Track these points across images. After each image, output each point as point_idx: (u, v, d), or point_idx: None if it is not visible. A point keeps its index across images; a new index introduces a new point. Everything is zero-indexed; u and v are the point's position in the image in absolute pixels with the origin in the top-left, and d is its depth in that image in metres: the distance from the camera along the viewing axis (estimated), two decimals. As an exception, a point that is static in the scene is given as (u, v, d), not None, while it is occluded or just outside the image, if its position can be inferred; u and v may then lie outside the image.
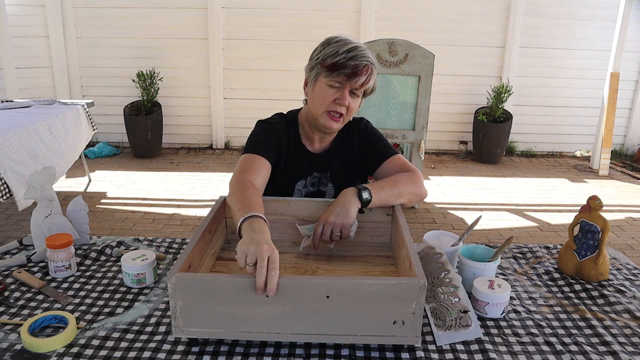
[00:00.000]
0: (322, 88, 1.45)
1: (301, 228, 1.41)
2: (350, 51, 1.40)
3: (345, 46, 1.41)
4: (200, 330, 1.03)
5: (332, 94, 1.44)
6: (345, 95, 1.43)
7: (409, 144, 4.01)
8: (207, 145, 5.76)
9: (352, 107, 1.46)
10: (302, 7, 5.31)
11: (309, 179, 1.61)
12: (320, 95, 1.46)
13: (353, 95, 1.45)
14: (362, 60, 1.40)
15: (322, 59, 1.43)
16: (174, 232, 3.55)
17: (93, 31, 5.35)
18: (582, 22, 5.45)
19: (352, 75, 1.40)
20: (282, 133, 1.56)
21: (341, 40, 1.43)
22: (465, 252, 1.35)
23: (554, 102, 5.72)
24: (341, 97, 1.43)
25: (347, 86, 1.42)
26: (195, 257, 1.15)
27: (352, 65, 1.39)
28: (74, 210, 1.53)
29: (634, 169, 5.40)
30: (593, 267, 1.38)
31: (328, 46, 1.44)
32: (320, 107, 1.47)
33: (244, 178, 1.36)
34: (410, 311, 1.00)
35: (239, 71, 5.52)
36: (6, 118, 3.48)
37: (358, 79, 1.40)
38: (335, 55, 1.40)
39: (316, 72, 1.46)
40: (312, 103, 1.50)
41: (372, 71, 1.43)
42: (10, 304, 1.21)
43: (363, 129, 1.62)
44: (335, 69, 1.40)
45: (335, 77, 1.41)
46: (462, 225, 3.80)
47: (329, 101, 1.44)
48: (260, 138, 1.52)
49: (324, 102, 1.45)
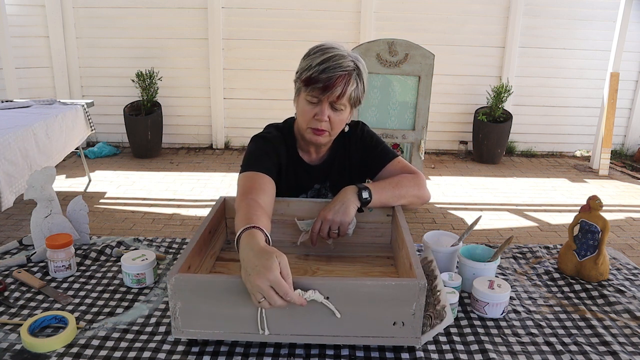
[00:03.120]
0: (302, 103, 1.40)
1: (299, 223, 1.42)
2: (322, 63, 1.32)
3: (320, 57, 1.33)
4: (199, 331, 1.03)
5: (310, 109, 1.38)
6: (324, 110, 1.36)
7: (409, 144, 4.00)
8: (207, 145, 5.76)
9: (337, 120, 1.39)
10: (302, 7, 5.31)
11: (310, 192, 1.57)
12: (302, 111, 1.41)
13: (335, 109, 1.38)
14: (336, 71, 1.32)
15: (299, 73, 1.38)
16: (174, 232, 3.55)
17: (93, 31, 5.35)
18: (582, 22, 5.45)
19: (326, 88, 1.33)
20: (279, 147, 1.49)
21: (319, 50, 1.36)
22: (465, 252, 1.35)
23: (554, 102, 5.72)
24: (320, 113, 1.37)
25: (325, 100, 1.35)
26: (195, 258, 1.15)
27: (324, 78, 1.32)
28: (74, 210, 1.53)
29: (634, 169, 5.40)
30: (593, 267, 1.38)
31: (305, 59, 1.38)
32: (303, 123, 1.42)
33: (248, 197, 1.24)
34: (410, 312, 1.00)
35: (239, 71, 5.52)
36: (6, 118, 3.48)
37: (333, 91, 1.33)
38: (309, 69, 1.34)
39: (297, 86, 1.41)
40: (298, 119, 1.46)
41: (350, 80, 1.34)
42: (10, 304, 1.21)
43: (360, 135, 1.56)
44: (310, 83, 1.34)
45: (311, 91, 1.35)
46: (462, 225, 3.80)
47: (309, 117, 1.39)
48: (260, 154, 1.43)
49: (305, 119, 1.40)
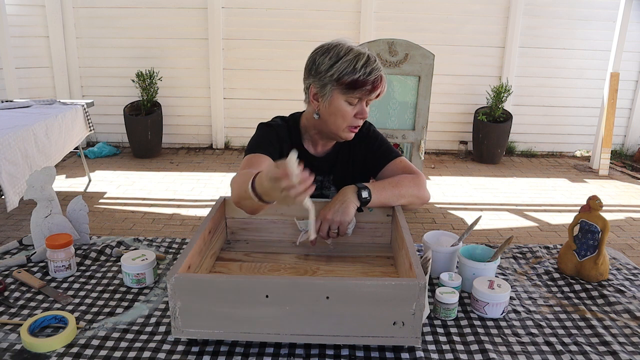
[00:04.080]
0: (341, 105, 1.41)
1: (299, 222, 1.42)
2: (367, 65, 1.37)
3: (360, 60, 1.37)
4: (199, 331, 1.03)
5: (351, 110, 1.42)
6: (364, 108, 1.43)
7: (409, 144, 4.00)
8: (207, 145, 5.76)
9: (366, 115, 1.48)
10: (302, 7, 5.31)
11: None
12: (340, 112, 1.42)
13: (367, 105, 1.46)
14: (378, 72, 1.39)
15: (338, 77, 1.38)
16: (174, 232, 3.55)
17: (93, 31, 5.35)
18: (582, 22, 5.45)
19: (373, 90, 1.40)
20: (284, 136, 1.54)
21: (350, 51, 1.38)
22: (465, 252, 1.35)
23: (554, 102, 5.71)
24: (361, 111, 1.43)
25: (367, 99, 1.43)
26: (195, 258, 1.16)
27: (372, 80, 1.38)
28: (74, 210, 1.53)
29: (634, 169, 5.40)
30: (593, 267, 1.38)
31: (340, 61, 1.37)
32: (341, 124, 1.44)
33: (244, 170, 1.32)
34: (410, 312, 1.00)
35: (239, 71, 5.52)
36: (6, 118, 3.48)
37: (376, 92, 1.41)
38: (354, 72, 1.36)
39: (330, 88, 1.40)
40: (329, 119, 1.45)
41: (385, 77, 1.43)
42: (10, 304, 1.21)
43: (366, 133, 1.60)
44: (356, 86, 1.37)
45: (356, 93, 1.39)
46: (462, 225, 3.80)
47: (350, 117, 1.43)
48: (262, 140, 1.49)
49: (346, 119, 1.43)
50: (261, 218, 1.46)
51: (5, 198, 2.94)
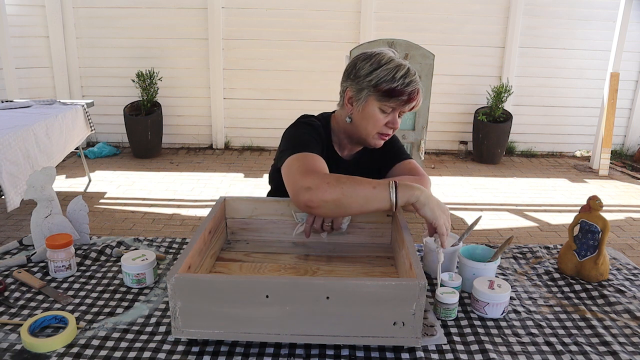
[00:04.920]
0: (374, 112, 1.43)
1: (296, 215, 1.43)
2: (406, 77, 1.39)
3: (400, 71, 1.39)
4: (199, 331, 1.03)
5: (383, 118, 1.44)
6: (397, 118, 1.45)
7: (409, 144, 4.00)
8: (207, 145, 5.76)
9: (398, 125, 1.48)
10: (302, 7, 5.31)
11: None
12: (372, 118, 1.44)
13: (400, 116, 1.47)
14: (417, 85, 1.41)
15: (375, 83, 1.39)
16: (174, 232, 3.55)
17: (93, 31, 5.35)
18: (582, 22, 5.45)
19: (408, 101, 1.41)
20: (323, 138, 1.53)
21: (392, 60, 1.41)
22: (465, 252, 1.35)
23: (554, 102, 5.72)
24: (393, 121, 1.44)
25: (401, 110, 1.43)
26: (195, 258, 1.15)
27: (409, 91, 1.39)
28: (74, 210, 1.53)
29: (634, 169, 5.40)
30: (593, 267, 1.38)
31: (380, 68, 1.39)
32: (372, 130, 1.46)
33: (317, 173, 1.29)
34: (411, 312, 1.00)
35: (239, 71, 5.52)
36: (6, 118, 3.48)
37: (411, 104, 1.42)
38: (392, 81, 1.38)
39: (367, 93, 1.42)
40: (361, 124, 1.46)
41: (421, 92, 1.44)
42: (10, 304, 1.21)
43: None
44: (392, 95, 1.39)
45: (392, 102, 1.40)
46: (462, 225, 3.80)
47: (381, 125, 1.45)
48: (309, 138, 1.44)
49: (376, 126, 1.45)
50: (261, 218, 1.46)
51: (6, 198, 2.94)
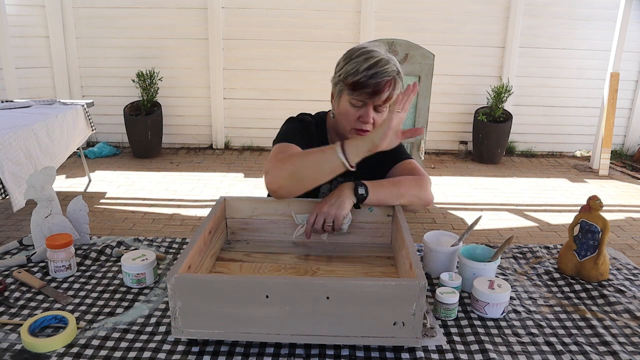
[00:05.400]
0: (346, 106, 1.43)
1: (296, 216, 1.42)
2: (370, 68, 1.36)
3: (366, 62, 1.37)
4: (199, 331, 1.03)
5: (355, 112, 1.42)
6: (369, 113, 1.41)
7: (409, 144, 4.00)
8: (207, 145, 5.76)
9: (379, 121, 1.43)
10: (302, 7, 5.31)
11: (334, 183, 1.57)
12: (345, 113, 1.44)
13: (377, 111, 1.42)
14: (384, 76, 1.36)
15: (344, 76, 1.40)
16: (174, 232, 3.55)
17: (93, 31, 5.35)
18: (582, 22, 5.45)
19: (374, 93, 1.37)
20: (313, 131, 1.55)
21: (363, 53, 1.39)
22: (465, 252, 1.35)
23: (554, 102, 5.71)
24: (364, 115, 1.41)
25: (370, 103, 1.40)
26: (195, 258, 1.15)
27: (373, 84, 1.36)
28: (74, 210, 1.53)
29: (634, 169, 5.40)
30: (593, 267, 1.38)
31: (350, 61, 1.40)
32: (346, 125, 1.46)
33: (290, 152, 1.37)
34: (411, 312, 1.00)
35: (239, 71, 5.51)
36: (6, 118, 3.48)
37: (380, 96, 1.38)
38: (356, 73, 1.37)
39: (339, 88, 1.43)
40: (340, 120, 1.48)
41: (396, 84, 1.39)
42: (10, 304, 1.21)
43: None
44: (357, 88, 1.38)
45: (357, 96, 1.39)
46: (462, 225, 3.80)
47: (353, 119, 1.43)
48: (294, 132, 1.49)
49: (349, 121, 1.44)
50: (261, 218, 1.46)
51: (11, 198, 2.95)
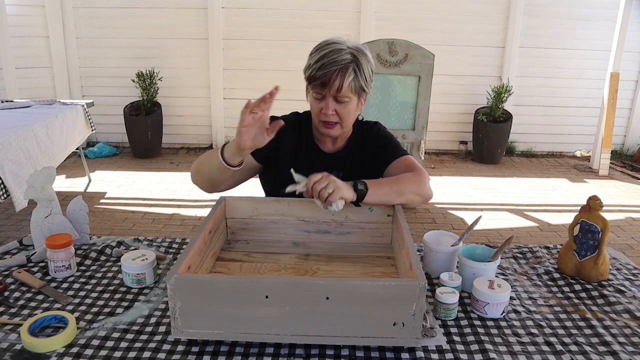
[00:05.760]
0: (311, 100, 1.49)
1: (295, 175, 1.37)
2: (319, 60, 1.39)
3: (318, 54, 1.41)
4: (199, 332, 1.03)
5: (317, 105, 1.46)
6: (328, 104, 1.43)
7: (409, 144, 4.00)
8: (207, 145, 5.76)
9: (344, 112, 1.45)
10: (302, 7, 5.31)
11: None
12: (311, 107, 1.50)
13: (339, 102, 1.43)
14: (332, 67, 1.37)
15: (304, 72, 1.45)
16: (174, 232, 3.55)
17: (93, 31, 5.35)
18: (582, 22, 5.45)
19: (324, 84, 1.40)
20: (287, 130, 1.53)
21: (319, 48, 1.43)
22: (465, 252, 1.34)
23: (554, 102, 5.71)
24: (324, 107, 1.44)
25: (327, 95, 1.42)
26: (195, 258, 1.15)
27: (321, 75, 1.39)
28: (74, 210, 1.53)
29: (634, 169, 5.40)
30: (593, 267, 1.38)
31: (309, 57, 1.45)
32: (315, 119, 1.51)
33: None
34: (411, 313, 1.00)
35: (239, 71, 5.51)
36: (6, 118, 3.48)
37: (331, 86, 1.39)
38: (309, 67, 1.42)
39: (305, 85, 1.49)
40: (312, 115, 1.53)
41: (346, 73, 1.39)
42: (10, 304, 1.21)
43: (376, 133, 1.62)
44: (310, 81, 1.43)
45: (313, 89, 1.44)
46: (462, 225, 3.80)
47: (317, 112, 1.47)
48: None
49: (314, 114, 1.50)
50: (262, 218, 1.47)
51: (13, 198, 2.95)
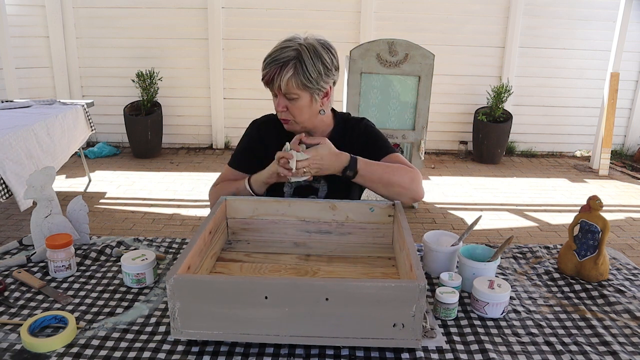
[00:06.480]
0: (272, 98, 1.52)
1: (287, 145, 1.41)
2: (265, 59, 1.43)
3: (268, 55, 1.44)
4: (199, 332, 1.03)
5: (274, 102, 1.50)
6: (279, 101, 1.47)
7: (409, 144, 4.00)
8: (207, 145, 5.76)
9: (294, 108, 1.47)
10: (302, 7, 5.31)
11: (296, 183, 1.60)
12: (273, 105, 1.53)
13: (289, 98, 1.45)
14: (271, 66, 1.41)
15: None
16: (174, 232, 3.55)
17: (93, 31, 5.35)
18: (582, 22, 5.45)
19: (268, 82, 1.44)
20: (270, 130, 1.62)
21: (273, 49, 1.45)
22: (465, 252, 1.35)
23: (554, 102, 5.71)
24: (276, 105, 1.48)
25: (277, 92, 1.46)
26: (195, 258, 1.15)
27: (264, 73, 1.43)
28: (74, 210, 1.53)
29: (634, 169, 5.40)
30: (593, 267, 1.38)
31: None
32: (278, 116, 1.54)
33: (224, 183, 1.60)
34: (410, 314, 1.00)
35: (239, 71, 5.51)
36: (6, 118, 3.48)
37: (272, 84, 1.43)
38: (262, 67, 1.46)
39: None
40: None
41: (283, 70, 1.39)
42: (10, 304, 1.21)
43: (363, 129, 1.60)
44: (262, 79, 1.47)
45: (266, 87, 1.48)
46: (462, 225, 3.80)
47: (275, 110, 1.52)
48: (239, 146, 1.66)
49: (275, 111, 1.54)
50: (262, 218, 1.47)
51: (16, 198, 2.95)
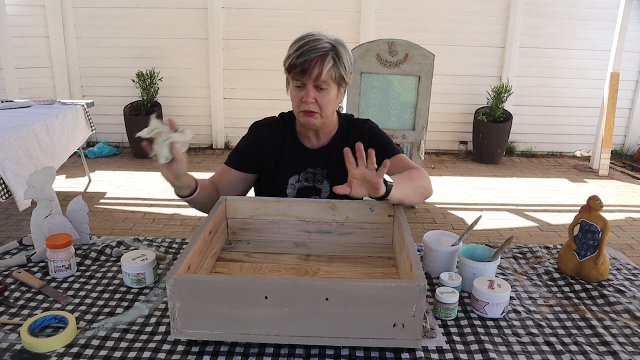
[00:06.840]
0: (292, 90, 1.51)
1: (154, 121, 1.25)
2: (298, 49, 1.43)
3: (296, 44, 1.45)
4: (198, 332, 1.03)
5: (298, 94, 1.48)
6: (309, 92, 1.45)
7: (409, 144, 4.01)
8: (207, 145, 5.76)
9: (324, 101, 1.47)
10: (302, 7, 5.31)
11: (302, 174, 1.61)
12: (292, 97, 1.52)
13: (320, 89, 1.46)
14: (311, 53, 1.41)
15: (284, 63, 1.48)
16: (174, 232, 3.55)
17: (93, 31, 5.35)
18: (582, 22, 5.45)
19: (304, 71, 1.42)
20: (270, 132, 1.62)
21: (297, 39, 1.47)
22: (465, 252, 1.34)
23: (554, 102, 5.71)
24: (305, 95, 1.46)
25: (308, 82, 1.44)
26: (195, 258, 1.15)
27: (301, 62, 1.42)
28: (74, 210, 1.53)
29: (634, 169, 5.40)
30: (593, 267, 1.38)
31: (288, 50, 1.49)
32: (295, 109, 1.53)
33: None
34: (411, 314, 1.00)
35: (239, 71, 5.51)
36: (6, 118, 3.48)
37: (311, 73, 1.42)
38: (288, 57, 1.46)
39: (285, 76, 1.51)
40: (292, 105, 1.55)
41: (325, 60, 1.42)
42: (10, 304, 1.21)
43: (367, 130, 1.62)
44: (291, 69, 1.45)
45: (294, 77, 1.46)
46: (462, 225, 3.80)
47: (297, 102, 1.49)
48: (237, 146, 1.65)
49: (296, 104, 1.51)
50: (262, 218, 1.47)
51: (15, 198, 2.95)
